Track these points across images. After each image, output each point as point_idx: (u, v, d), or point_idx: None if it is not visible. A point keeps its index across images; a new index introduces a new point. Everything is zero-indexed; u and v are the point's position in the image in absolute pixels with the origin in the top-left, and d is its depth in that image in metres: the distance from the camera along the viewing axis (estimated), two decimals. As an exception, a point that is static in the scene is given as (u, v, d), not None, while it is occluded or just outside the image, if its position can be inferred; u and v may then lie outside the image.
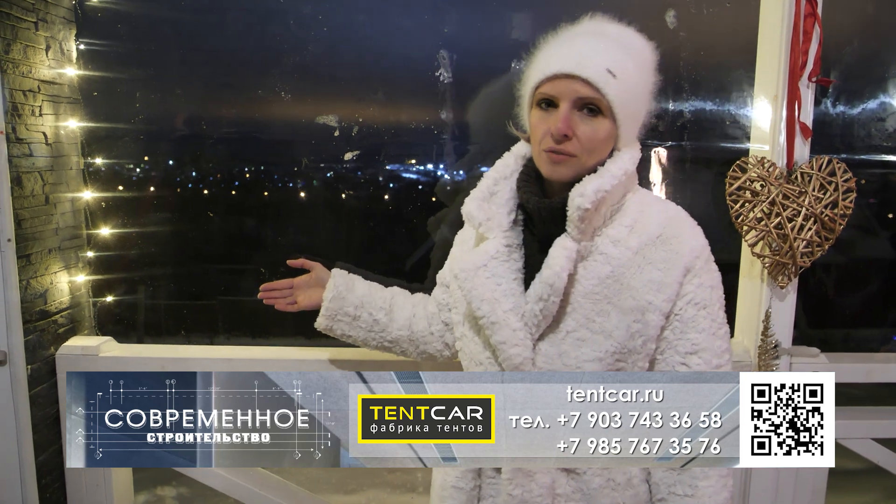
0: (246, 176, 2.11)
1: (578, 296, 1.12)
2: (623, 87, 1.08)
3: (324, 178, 2.09)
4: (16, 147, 1.62)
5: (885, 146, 2.22)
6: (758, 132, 1.84)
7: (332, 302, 1.44)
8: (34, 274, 1.70)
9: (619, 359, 1.12)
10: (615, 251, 1.12)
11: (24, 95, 1.65)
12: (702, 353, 1.13)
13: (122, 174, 1.91)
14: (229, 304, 2.22)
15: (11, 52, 1.60)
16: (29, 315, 1.67)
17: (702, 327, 1.13)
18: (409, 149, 2.12)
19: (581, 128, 1.09)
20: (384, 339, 1.46)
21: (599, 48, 1.08)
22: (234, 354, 1.84)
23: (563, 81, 1.08)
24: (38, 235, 1.72)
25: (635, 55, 1.12)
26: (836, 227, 1.73)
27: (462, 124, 2.00)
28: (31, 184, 1.68)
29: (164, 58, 1.84)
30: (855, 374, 1.91)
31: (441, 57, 1.96)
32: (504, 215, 1.19)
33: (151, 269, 2.00)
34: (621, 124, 1.10)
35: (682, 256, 1.12)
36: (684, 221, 1.16)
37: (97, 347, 1.77)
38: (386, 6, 1.95)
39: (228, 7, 1.84)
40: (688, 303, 1.12)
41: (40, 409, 1.71)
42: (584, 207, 1.07)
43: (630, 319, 1.11)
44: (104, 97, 1.82)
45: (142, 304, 2.03)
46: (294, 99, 1.91)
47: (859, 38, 2.08)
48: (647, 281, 1.11)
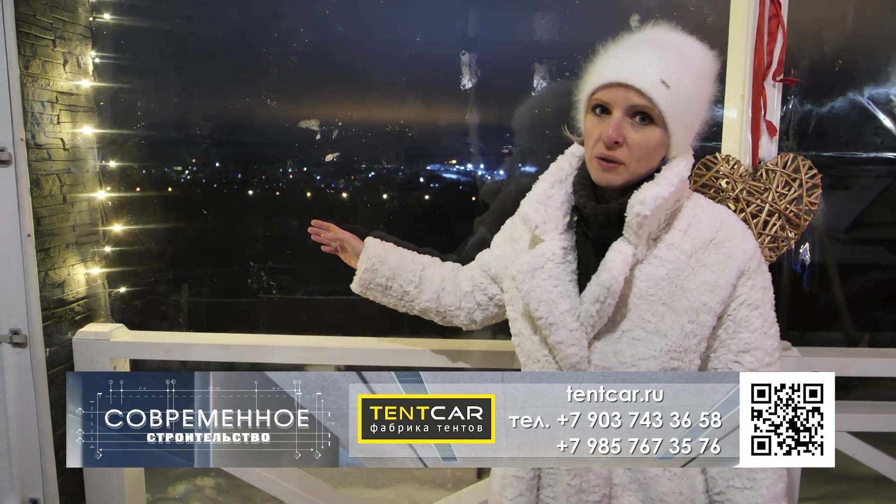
0: (263, 177, 2.27)
1: (634, 297, 1.16)
2: (676, 97, 1.10)
3: (366, 178, 2.22)
4: (35, 152, 1.80)
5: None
6: (727, 131, 1.90)
7: (365, 273, 1.53)
8: (52, 266, 1.88)
9: (674, 357, 1.15)
10: (669, 255, 1.16)
11: (42, 106, 1.84)
12: (754, 352, 1.17)
13: (132, 175, 2.10)
14: (228, 296, 2.40)
15: (31, 68, 1.78)
16: (47, 303, 1.85)
17: (754, 327, 1.17)
18: (448, 150, 2.23)
19: (632, 135, 1.12)
20: (413, 308, 1.55)
21: (655, 59, 1.11)
22: (234, 341, 1.99)
23: (616, 89, 1.11)
24: (56, 231, 1.90)
25: (693, 66, 1.14)
26: (801, 223, 1.77)
27: (497, 127, 2.10)
28: (49, 185, 1.87)
29: (163, 69, 2.02)
30: (828, 367, 1.93)
31: (463, 59, 2.06)
32: (560, 218, 1.23)
33: (160, 262, 2.17)
34: (673, 133, 1.13)
35: (736, 259, 1.15)
36: (736, 225, 1.20)
37: (109, 333, 1.95)
38: (415, 9, 2.06)
39: (220, 20, 2.00)
40: (741, 304, 1.16)
41: (58, 388, 1.89)
42: (644, 214, 1.11)
43: (684, 320, 1.14)
44: (115, 105, 2.01)
45: (151, 295, 2.22)
46: (324, 102, 2.05)
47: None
48: (700, 283, 1.15)
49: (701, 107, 1.17)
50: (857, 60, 2.17)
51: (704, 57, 1.18)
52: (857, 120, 2.22)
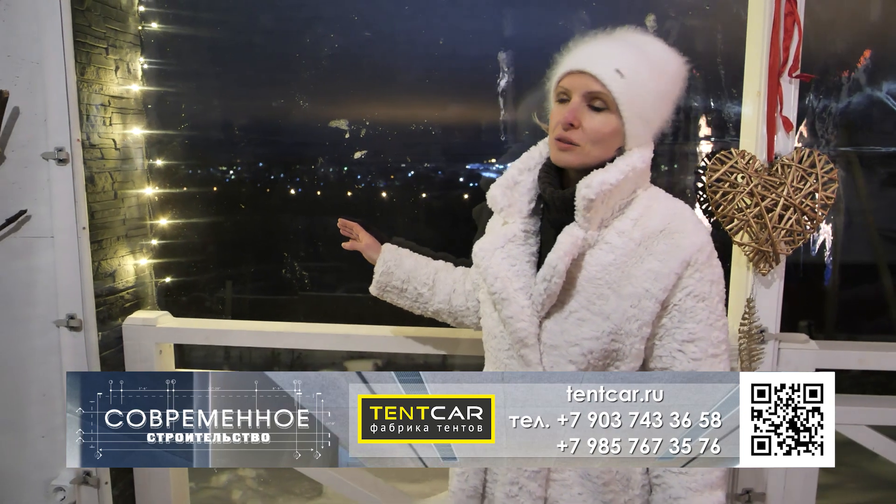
0: (304, 177, 2.40)
1: (583, 280, 1.22)
2: (630, 87, 1.18)
3: (405, 177, 2.33)
4: (89, 151, 1.96)
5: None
6: (745, 127, 1.93)
7: (381, 276, 1.62)
8: (104, 257, 2.04)
9: (615, 339, 1.21)
10: (619, 241, 1.22)
11: (96, 109, 1.99)
12: (698, 343, 1.21)
13: (176, 173, 2.25)
14: (270, 292, 2.53)
15: (86, 74, 1.94)
16: (100, 290, 2.01)
17: (699, 318, 1.21)
18: (490, 149, 2.31)
19: (588, 120, 1.20)
20: (427, 309, 1.63)
21: (613, 50, 1.20)
22: (269, 328, 2.11)
23: (576, 77, 1.20)
24: (108, 225, 2.06)
25: (652, 62, 1.21)
26: (818, 216, 1.80)
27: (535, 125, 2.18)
28: (102, 182, 2.03)
29: (205, 73, 2.17)
30: (846, 361, 1.94)
31: (500, 58, 2.15)
32: (525, 203, 1.32)
33: (203, 255, 2.32)
34: (627, 121, 1.20)
35: (683, 250, 1.20)
36: (689, 218, 1.24)
37: (155, 319, 2.10)
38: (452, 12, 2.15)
39: (257, 27, 2.14)
40: (687, 294, 1.20)
41: (109, 369, 2.05)
42: (589, 198, 1.17)
43: (627, 304, 1.19)
44: (161, 108, 2.16)
45: (196, 291, 2.37)
46: (354, 103, 2.16)
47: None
48: (646, 270, 1.20)
49: (660, 102, 1.23)
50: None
51: (667, 57, 1.24)
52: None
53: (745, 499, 1.94)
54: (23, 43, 1.84)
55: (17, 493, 2.04)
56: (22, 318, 1.96)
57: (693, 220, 1.24)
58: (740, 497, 1.94)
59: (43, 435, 2.01)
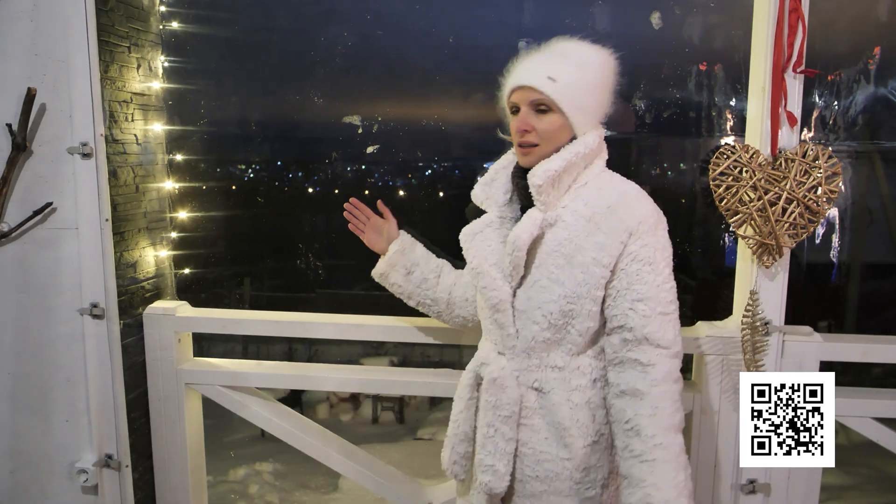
0: (321, 175, 2.46)
1: (543, 254, 1.43)
2: (563, 87, 1.41)
3: (423, 176, 2.38)
4: (112, 146, 2.04)
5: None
6: (750, 122, 1.95)
7: (395, 254, 1.76)
8: (126, 248, 2.12)
9: (570, 301, 1.41)
10: (572, 219, 1.43)
11: (119, 105, 2.07)
12: (647, 301, 1.38)
13: (195, 168, 2.33)
14: (288, 290, 2.59)
15: (109, 72, 2.02)
16: (122, 280, 2.08)
17: (646, 280, 1.38)
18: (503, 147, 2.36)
19: (537, 123, 1.44)
20: (428, 296, 1.77)
21: (541, 62, 1.44)
22: (283, 318, 2.18)
23: (519, 91, 1.44)
24: (130, 217, 2.14)
25: (577, 62, 1.43)
26: (821, 210, 1.82)
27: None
28: (124, 175, 2.10)
29: (223, 71, 2.24)
30: (850, 353, 1.96)
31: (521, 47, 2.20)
32: (500, 195, 1.57)
33: (220, 247, 2.39)
34: (570, 115, 1.42)
35: (625, 222, 1.39)
36: (634, 196, 1.45)
37: (174, 309, 2.18)
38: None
39: (273, 27, 2.20)
40: (632, 259, 1.39)
41: (130, 356, 2.12)
42: (537, 184, 1.41)
43: (578, 271, 1.40)
44: (181, 104, 2.24)
45: (212, 276, 2.44)
46: (366, 99, 2.22)
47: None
48: (594, 242, 1.40)
49: (592, 92, 1.44)
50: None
51: (589, 53, 1.45)
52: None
53: (749, 489, 1.97)
54: (50, 42, 1.92)
55: (43, 475, 2.13)
56: (48, 306, 2.04)
57: (637, 198, 1.44)
58: (744, 487, 1.97)
59: (67, 419, 2.09)
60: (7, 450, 2.12)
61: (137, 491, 2.15)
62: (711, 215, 1.97)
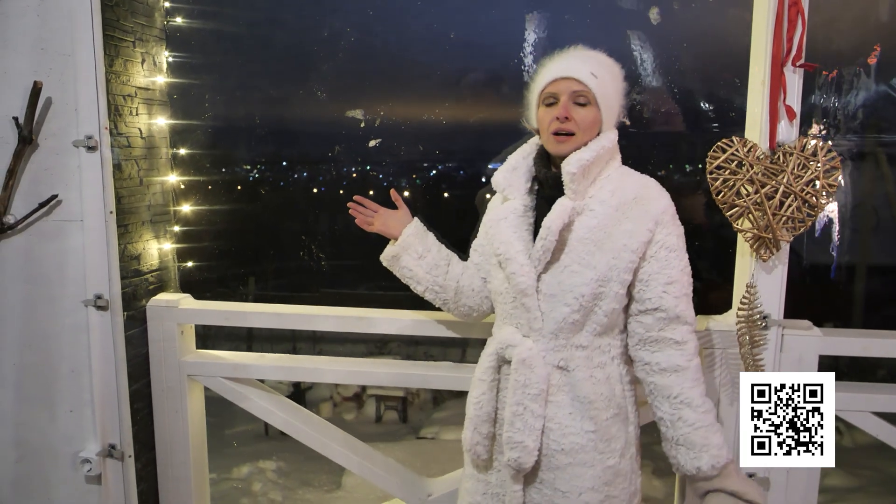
0: (326, 175, 2.48)
1: (573, 240, 1.53)
2: (602, 85, 1.54)
3: (427, 177, 2.41)
4: (117, 140, 2.06)
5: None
6: (749, 117, 1.96)
7: (410, 236, 1.79)
8: (130, 240, 2.14)
9: (601, 284, 1.52)
10: (601, 208, 1.54)
11: (123, 99, 2.10)
12: (675, 285, 1.53)
13: (199, 161, 2.35)
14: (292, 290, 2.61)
15: (114, 66, 2.04)
16: (125, 272, 2.11)
17: (674, 265, 1.54)
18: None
19: (577, 113, 1.54)
20: (437, 282, 1.80)
21: (584, 60, 1.56)
22: (285, 310, 2.20)
23: (561, 82, 1.54)
24: (134, 210, 2.16)
25: (607, 67, 1.58)
26: (819, 204, 1.83)
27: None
28: (128, 169, 2.13)
29: (227, 66, 2.26)
30: (850, 348, 1.96)
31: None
32: (522, 183, 1.65)
33: (223, 240, 2.41)
34: (603, 111, 1.55)
35: (651, 212, 1.53)
36: (654, 187, 1.59)
37: (177, 301, 2.20)
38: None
39: (277, 22, 2.22)
40: (661, 247, 1.53)
41: (133, 348, 2.14)
42: (572, 172, 1.51)
43: (609, 256, 1.51)
44: (185, 99, 2.26)
45: (216, 273, 2.46)
46: (368, 94, 2.24)
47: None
48: (622, 230, 1.52)
49: (618, 95, 1.59)
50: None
51: (614, 64, 1.60)
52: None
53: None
54: (56, 37, 1.95)
55: (47, 464, 2.15)
56: (53, 297, 2.06)
57: (658, 189, 1.58)
58: (742, 480, 1.97)
59: (71, 409, 2.12)
60: (12, 439, 2.15)
61: (140, 481, 2.18)
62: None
